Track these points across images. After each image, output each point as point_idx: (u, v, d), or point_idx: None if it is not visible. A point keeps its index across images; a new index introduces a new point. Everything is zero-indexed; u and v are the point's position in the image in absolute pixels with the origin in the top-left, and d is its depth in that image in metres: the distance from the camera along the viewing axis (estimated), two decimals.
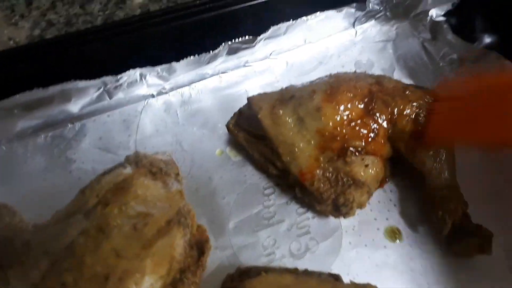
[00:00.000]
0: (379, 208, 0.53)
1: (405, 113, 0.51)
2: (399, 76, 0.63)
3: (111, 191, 0.41)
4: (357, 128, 0.50)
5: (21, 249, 0.36)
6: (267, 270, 0.44)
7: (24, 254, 0.35)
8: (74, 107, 0.52)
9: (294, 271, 0.44)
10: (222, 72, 0.59)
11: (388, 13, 0.65)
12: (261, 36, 0.57)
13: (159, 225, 0.40)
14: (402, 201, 0.53)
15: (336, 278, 0.44)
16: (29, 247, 0.36)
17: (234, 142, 0.56)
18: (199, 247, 0.45)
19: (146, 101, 0.57)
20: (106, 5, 0.68)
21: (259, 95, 0.53)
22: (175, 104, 0.58)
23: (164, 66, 0.54)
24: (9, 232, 0.38)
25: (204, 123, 0.58)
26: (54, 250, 0.34)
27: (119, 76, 0.52)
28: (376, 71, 0.64)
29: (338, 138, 0.49)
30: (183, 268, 0.42)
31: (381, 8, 0.64)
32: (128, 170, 0.44)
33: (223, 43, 0.55)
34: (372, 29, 0.65)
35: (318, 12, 0.59)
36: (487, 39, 0.58)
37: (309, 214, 0.52)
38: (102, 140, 0.55)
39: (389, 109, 0.51)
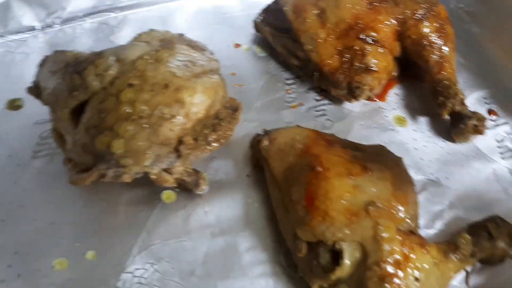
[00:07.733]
0: (388, 101, 0.59)
1: (413, 13, 0.58)
2: None
3: (163, 40, 0.47)
4: (372, 21, 0.56)
5: (93, 55, 0.42)
6: None
7: (97, 55, 0.42)
8: None
9: (315, 130, 0.50)
10: None
11: None
12: None
13: (204, 69, 0.46)
14: (409, 97, 0.60)
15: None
16: (101, 53, 0.42)
17: (260, 40, 0.63)
18: (233, 108, 0.51)
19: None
20: None
21: None
22: (208, 6, 0.64)
23: None
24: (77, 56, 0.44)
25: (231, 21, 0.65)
26: (124, 60, 0.40)
27: None
28: None
29: (355, 28, 0.56)
30: (221, 117, 0.48)
31: None
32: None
33: None
34: None
35: None
36: None
37: (326, 101, 0.59)
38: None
39: (399, 8, 0.58)
